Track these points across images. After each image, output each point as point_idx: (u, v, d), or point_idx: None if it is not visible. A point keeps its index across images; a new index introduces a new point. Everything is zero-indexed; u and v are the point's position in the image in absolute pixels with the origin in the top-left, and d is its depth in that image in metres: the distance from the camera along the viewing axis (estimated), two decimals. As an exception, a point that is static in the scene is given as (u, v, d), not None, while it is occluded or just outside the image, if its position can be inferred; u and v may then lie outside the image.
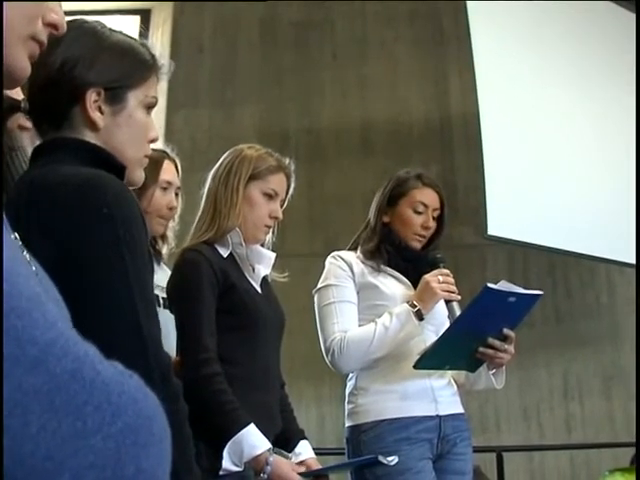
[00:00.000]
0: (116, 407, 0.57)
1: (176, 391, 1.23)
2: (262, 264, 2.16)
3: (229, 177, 2.13)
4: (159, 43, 4.86)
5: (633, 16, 4.75)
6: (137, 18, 5.17)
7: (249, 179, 2.13)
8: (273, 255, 2.18)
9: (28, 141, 1.57)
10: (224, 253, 2.10)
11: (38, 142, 1.38)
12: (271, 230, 2.21)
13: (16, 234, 0.76)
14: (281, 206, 2.19)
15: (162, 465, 0.61)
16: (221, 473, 1.88)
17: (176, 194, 2.32)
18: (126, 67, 1.35)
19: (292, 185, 2.21)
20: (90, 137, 1.33)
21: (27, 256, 0.74)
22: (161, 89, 1.51)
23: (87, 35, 1.34)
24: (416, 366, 2.28)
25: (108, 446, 0.55)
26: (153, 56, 1.40)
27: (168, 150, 2.37)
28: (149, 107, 1.40)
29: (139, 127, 1.37)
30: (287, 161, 2.20)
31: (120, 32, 1.41)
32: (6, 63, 0.73)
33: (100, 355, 0.60)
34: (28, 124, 1.48)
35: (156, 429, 0.60)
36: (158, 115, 4.71)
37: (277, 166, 2.16)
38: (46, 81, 1.30)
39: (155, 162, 2.11)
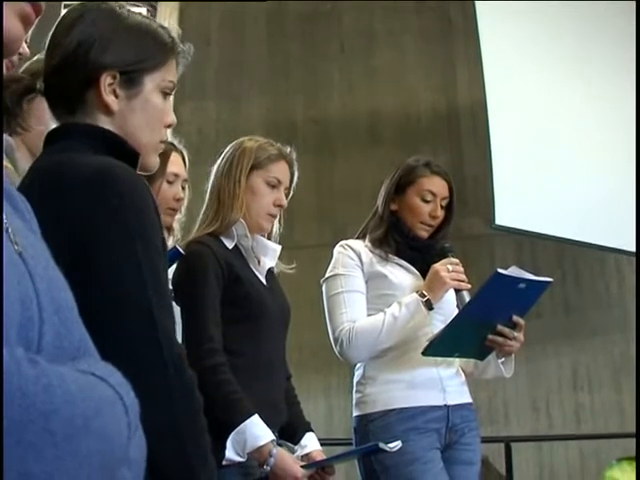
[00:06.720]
0: None
1: (190, 383, 1.20)
2: (267, 256, 2.16)
3: (231, 169, 2.13)
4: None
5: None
6: (144, 11, 5.17)
7: (251, 169, 2.13)
8: (278, 247, 2.18)
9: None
10: (229, 245, 2.10)
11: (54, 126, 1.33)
12: (277, 221, 2.21)
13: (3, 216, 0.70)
14: (286, 195, 2.18)
15: (70, 468, 0.53)
16: (224, 463, 1.88)
17: (182, 187, 2.32)
18: (143, 50, 1.31)
19: (296, 173, 2.21)
20: (104, 122, 1.29)
21: (11, 234, 0.68)
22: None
23: (105, 16, 1.30)
24: (425, 353, 2.26)
25: None
26: (173, 39, 1.36)
27: (175, 142, 2.37)
28: (167, 91, 1.36)
29: (155, 112, 1.34)
30: (288, 149, 2.20)
31: (140, 14, 1.37)
32: None
33: None
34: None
35: (57, 427, 0.52)
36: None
37: (278, 154, 2.16)
38: (61, 63, 1.26)
39: (162, 154, 2.10)
